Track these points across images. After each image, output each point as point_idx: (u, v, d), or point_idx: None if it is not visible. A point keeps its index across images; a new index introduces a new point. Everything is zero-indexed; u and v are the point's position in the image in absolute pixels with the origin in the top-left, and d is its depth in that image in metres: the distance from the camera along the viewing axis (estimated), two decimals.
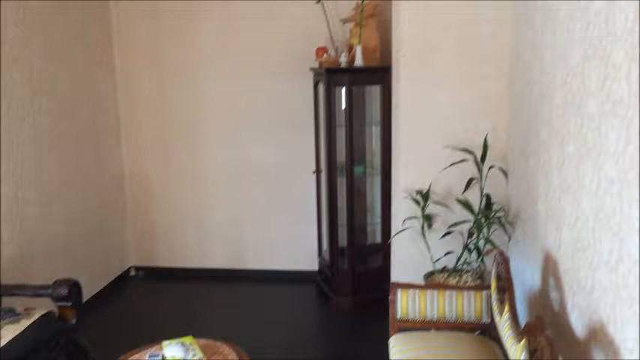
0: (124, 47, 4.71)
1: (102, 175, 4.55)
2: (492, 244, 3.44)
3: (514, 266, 2.90)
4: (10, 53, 3.48)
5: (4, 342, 2.72)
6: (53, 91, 3.92)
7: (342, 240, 4.27)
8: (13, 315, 2.97)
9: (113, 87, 4.71)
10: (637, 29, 1.67)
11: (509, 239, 3.44)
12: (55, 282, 3.08)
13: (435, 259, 3.61)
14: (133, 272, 5.02)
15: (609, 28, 1.88)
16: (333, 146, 4.13)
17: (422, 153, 3.73)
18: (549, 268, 2.60)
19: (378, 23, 4.09)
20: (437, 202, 3.71)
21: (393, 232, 3.88)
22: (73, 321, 3.09)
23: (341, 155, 4.15)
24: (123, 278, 4.86)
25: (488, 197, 3.51)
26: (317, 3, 4.22)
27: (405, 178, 3.77)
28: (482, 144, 3.50)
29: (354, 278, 4.25)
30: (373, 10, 4.04)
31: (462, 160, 3.52)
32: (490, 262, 3.24)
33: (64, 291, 3.05)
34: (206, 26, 4.60)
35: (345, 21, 4.16)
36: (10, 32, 3.48)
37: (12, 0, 3.48)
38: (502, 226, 3.42)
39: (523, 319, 2.79)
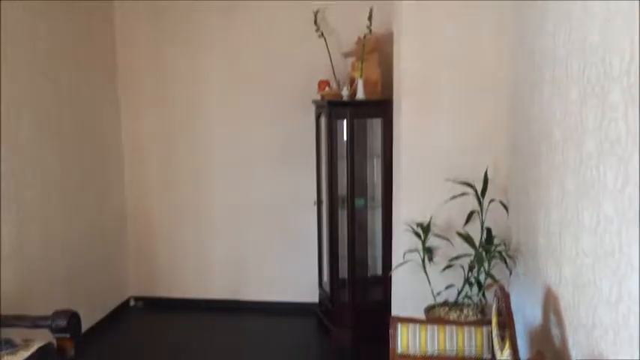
0: (129, 86, 4.77)
1: (105, 208, 4.57)
2: (493, 278, 3.43)
3: (515, 301, 2.89)
4: (20, 95, 3.52)
5: None
6: (58, 130, 3.96)
7: (343, 272, 4.26)
8: (11, 346, 2.96)
9: (118, 125, 4.76)
10: (633, 70, 1.70)
11: (510, 273, 3.43)
12: (54, 313, 3.07)
13: (436, 292, 3.59)
14: (132, 302, 5.00)
15: (606, 69, 1.91)
16: (334, 178, 4.16)
17: (423, 186, 3.74)
18: (550, 304, 2.59)
19: (379, 57, 4.14)
20: (438, 235, 3.71)
21: (393, 265, 3.87)
22: (72, 353, 3.06)
23: (342, 187, 4.17)
24: (122, 308, 4.85)
25: (489, 231, 3.51)
26: (319, 37, 4.29)
27: (406, 211, 3.78)
28: (482, 177, 3.52)
29: (354, 311, 4.23)
30: (375, 44, 4.10)
31: (463, 194, 3.53)
32: (491, 296, 3.23)
33: (62, 322, 3.03)
34: (209, 62, 4.66)
35: (346, 55, 4.22)
36: (20, 76, 3.53)
37: (24, 44, 3.54)
38: (503, 260, 3.42)
39: (524, 355, 2.77)
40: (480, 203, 3.50)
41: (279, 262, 4.83)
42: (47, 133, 3.84)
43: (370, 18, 4.07)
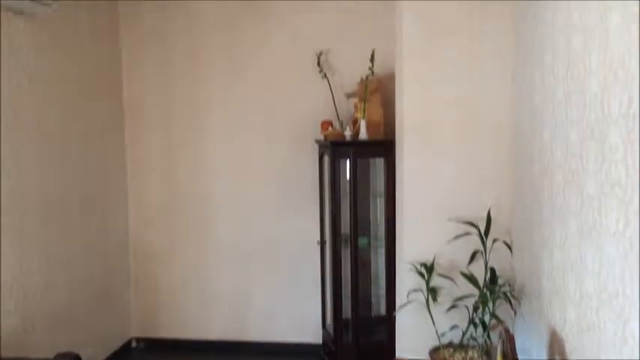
0: (134, 119, 4.82)
1: (106, 244, 4.57)
2: (498, 319, 3.39)
3: (520, 342, 2.86)
4: (24, 124, 3.57)
5: None
6: (62, 160, 3.99)
7: (346, 312, 4.23)
8: None
9: (122, 156, 4.80)
10: (631, 114, 1.72)
11: (515, 314, 3.40)
12: (56, 356, 3.04)
13: (441, 333, 3.56)
14: (134, 344, 4.96)
15: (605, 112, 1.94)
16: (337, 217, 4.16)
17: (426, 225, 3.74)
18: (555, 347, 2.56)
19: (381, 98, 4.19)
20: (442, 275, 3.69)
21: (397, 305, 3.85)
22: None
23: (345, 226, 4.18)
24: (124, 350, 4.80)
25: (492, 271, 3.49)
26: (323, 78, 4.36)
27: (409, 250, 3.77)
28: (485, 217, 3.51)
29: (358, 352, 4.18)
30: (377, 85, 4.15)
31: (466, 233, 3.53)
32: (496, 338, 3.19)
33: None
34: (214, 100, 4.72)
35: (349, 96, 4.27)
36: (24, 105, 3.58)
37: (30, 74, 3.60)
38: (508, 300, 3.39)
39: None
40: (484, 243, 3.49)
41: (282, 301, 4.80)
42: (51, 162, 3.86)
43: (372, 60, 4.14)
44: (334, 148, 4.12)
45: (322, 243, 4.53)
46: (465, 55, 3.64)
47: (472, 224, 3.55)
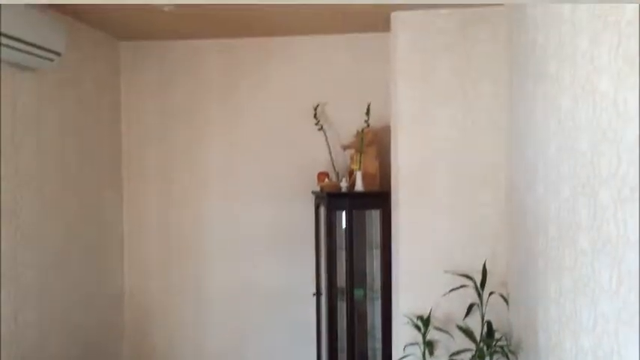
0: (132, 171, 4.84)
1: (102, 295, 4.53)
2: None
3: None
4: (25, 177, 3.60)
5: None
6: (62, 214, 4.00)
7: None
8: None
9: (119, 209, 4.81)
10: (620, 173, 1.76)
11: None
12: None
13: None
14: None
15: (595, 170, 1.97)
16: (333, 269, 4.15)
17: (422, 277, 3.74)
18: None
19: (377, 150, 4.24)
20: (438, 328, 3.67)
21: (394, 358, 3.81)
22: None
23: (341, 278, 4.16)
24: None
25: (489, 325, 3.47)
26: (319, 130, 4.42)
27: (406, 303, 3.76)
28: (481, 269, 3.52)
29: None
30: (373, 137, 4.21)
31: (462, 286, 3.53)
32: None
33: None
34: (212, 151, 4.75)
35: (345, 148, 4.32)
36: (24, 157, 3.62)
37: (29, 133, 3.65)
38: (505, 355, 3.37)
39: None
40: (480, 296, 3.50)
41: (277, 353, 4.73)
42: (50, 215, 3.86)
43: (368, 113, 4.21)
44: (330, 199, 4.14)
45: (318, 295, 4.50)
46: (460, 109, 3.71)
47: (468, 277, 3.56)
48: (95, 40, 4.40)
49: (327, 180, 4.31)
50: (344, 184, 4.18)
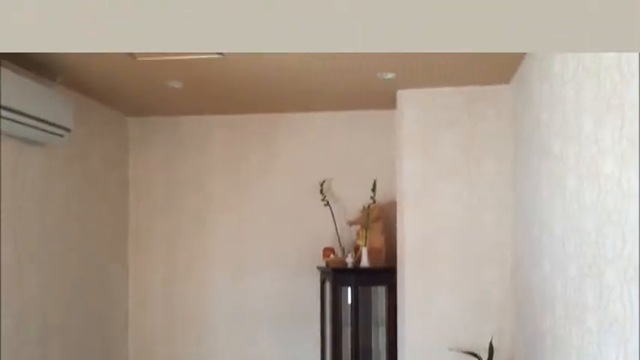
0: (140, 244, 4.87)
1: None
2: None
3: None
4: (28, 249, 3.63)
5: None
6: (64, 293, 3.99)
7: None
8: None
9: (125, 281, 4.81)
10: (626, 254, 1.80)
11: None
12: None
13: None
14: None
15: (600, 250, 2.01)
16: (338, 345, 4.12)
17: (427, 354, 3.71)
18: None
19: (383, 226, 4.29)
20: None
21: None
22: None
23: (346, 355, 4.11)
24: None
25: None
26: (325, 205, 4.48)
27: None
28: (487, 347, 3.50)
29: None
30: (379, 213, 4.26)
31: None
32: None
33: None
34: (218, 225, 4.80)
35: (351, 223, 4.37)
36: (33, 229, 3.66)
37: (37, 201, 3.71)
38: None
39: None
40: None
41: None
42: (51, 292, 3.86)
43: (374, 189, 4.29)
44: (336, 275, 4.15)
45: None
46: (464, 184, 3.79)
47: (474, 354, 3.53)
48: (103, 115, 4.51)
49: (332, 255, 4.34)
50: (349, 260, 4.21)
